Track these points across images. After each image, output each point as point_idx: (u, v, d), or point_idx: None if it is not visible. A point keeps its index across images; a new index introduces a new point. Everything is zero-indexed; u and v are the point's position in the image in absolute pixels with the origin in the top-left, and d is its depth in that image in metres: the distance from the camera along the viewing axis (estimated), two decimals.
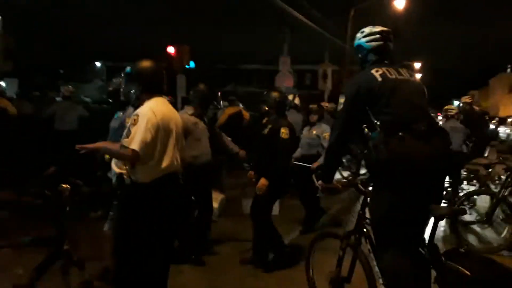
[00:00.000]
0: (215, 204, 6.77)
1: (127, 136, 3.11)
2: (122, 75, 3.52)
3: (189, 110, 5.21)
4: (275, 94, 5.17)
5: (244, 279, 4.72)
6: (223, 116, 10.85)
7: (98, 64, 28.72)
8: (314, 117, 6.96)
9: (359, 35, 3.35)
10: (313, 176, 3.69)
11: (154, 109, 3.23)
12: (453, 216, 5.30)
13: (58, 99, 10.86)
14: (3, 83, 12.89)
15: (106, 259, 3.87)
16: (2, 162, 7.94)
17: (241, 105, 11.06)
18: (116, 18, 18.92)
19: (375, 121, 2.93)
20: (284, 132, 4.82)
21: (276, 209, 5.50)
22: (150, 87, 3.33)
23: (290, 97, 8.53)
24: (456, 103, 19.87)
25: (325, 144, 6.28)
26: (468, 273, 2.67)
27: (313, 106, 7.21)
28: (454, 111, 8.38)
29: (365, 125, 3.02)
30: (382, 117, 2.93)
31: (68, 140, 7.90)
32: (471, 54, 25.54)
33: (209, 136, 5.32)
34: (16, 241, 3.27)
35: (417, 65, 33.23)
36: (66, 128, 8.94)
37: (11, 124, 8.62)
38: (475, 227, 6.08)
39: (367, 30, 3.31)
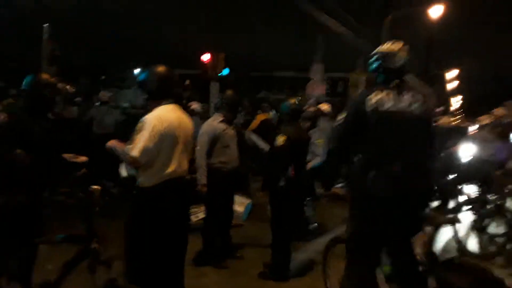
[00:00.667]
0: (241, 208, 6.90)
1: (131, 142, 3.21)
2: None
3: (218, 117, 5.31)
4: (290, 102, 5.18)
5: (266, 283, 4.81)
6: (254, 122, 11.03)
7: (136, 70, 29.60)
8: (307, 124, 6.51)
9: (374, 51, 3.28)
10: (315, 183, 3.76)
11: (161, 116, 3.30)
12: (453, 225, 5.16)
13: (96, 103, 11.30)
14: None
15: None
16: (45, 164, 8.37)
17: (273, 112, 11.20)
18: (154, 25, 19.44)
19: (356, 151, 3.04)
20: (280, 139, 4.77)
21: None
22: (157, 94, 3.39)
23: (323, 105, 8.55)
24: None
25: (317, 152, 6.16)
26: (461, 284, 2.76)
27: (309, 111, 6.80)
28: (486, 121, 8.19)
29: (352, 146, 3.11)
30: (364, 148, 3.01)
31: (105, 143, 8.24)
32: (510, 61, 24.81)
33: (237, 141, 5.43)
34: (49, 238, 3.46)
35: (454, 72, 32.39)
36: (103, 132, 9.29)
37: (55, 128, 9.10)
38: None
39: (381, 47, 3.24)
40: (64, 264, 3.13)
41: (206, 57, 13.22)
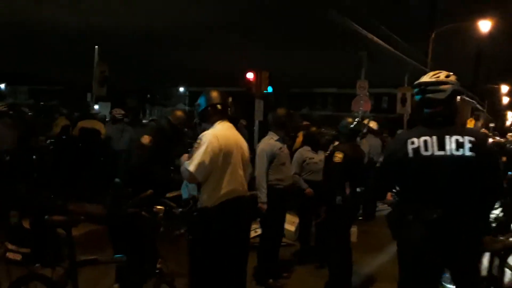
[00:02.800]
0: (292, 228, 6.85)
1: (189, 158, 3.32)
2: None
3: (273, 135, 5.36)
4: (347, 121, 5.22)
5: None
6: (298, 139, 11.03)
7: (181, 89, 30.20)
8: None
9: (415, 89, 2.97)
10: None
11: (217, 134, 3.37)
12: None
13: (144, 121, 11.51)
14: (97, 107, 14.05)
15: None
16: (94, 178, 8.69)
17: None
18: (198, 44, 19.89)
19: (395, 196, 2.99)
20: (337, 156, 4.80)
21: (354, 235, 5.46)
22: (212, 115, 3.51)
23: (371, 123, 8.46)
24: None
25: None
26: None
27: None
28: None
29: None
30: (403, 192, 2.93)
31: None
32: None
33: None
34: (115, 258, 3.55)
35: (505, 88, 31.24)
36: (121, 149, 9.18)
37: (102, 145, 9.43)
38: None
39: (423, 78, 2.95)
40: (129, 283, 3.19)
41: (250, 75, 13.37)
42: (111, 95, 14.58)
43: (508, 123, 33.18)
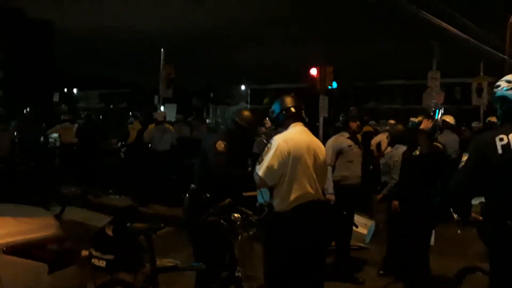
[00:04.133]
0: (365, 230, 6.64)
1: (259, 163, 3.30)
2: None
3: (345, 133, 5.40)
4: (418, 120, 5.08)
5: None
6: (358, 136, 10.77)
7: (243, 87, 30.47)
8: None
9: (504, 84, 2.85)
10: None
11: (287, 137, 3.33)
12: None
13: (208, 120, 11.70)
14: (162, 108, 14.50)
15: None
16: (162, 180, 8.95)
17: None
18: (259, 41, 20.01)
19: (484, 198, 2.76)
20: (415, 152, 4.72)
21: (432, 238, 5.21)
22: (285, 119, 3.48)
23: (446, 117, 7.99)
24: None
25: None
26: None
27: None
28: None
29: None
30: (492, 194, 2.72)
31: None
32: None
33: (362, 162, 5.43)
34: (194, 266, 3.57)
35: None
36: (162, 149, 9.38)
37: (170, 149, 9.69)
38: None
39: (504, 78, 2.87)
40: None
41: (314, 71, 13.17)
42: (176, 97, 14.98)
43: None
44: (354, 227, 5.68)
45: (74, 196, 8.65)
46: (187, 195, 4.03)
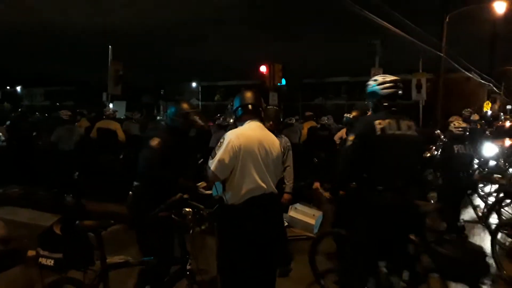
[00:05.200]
0: (312, 221, 6.84)
1: (212, 158, 3.40)
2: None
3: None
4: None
5: None
6: (303, 131, 11.11)
7: (194, 84, 30.34)
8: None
9: (372, 82, 3.64)
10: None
11: (239, 133, 3.44)
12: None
13: (158, 117, 11.55)
14: (111, 106, 14.18)
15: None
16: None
17: (326, 118, 11.28)
18: (209, 38, 19.97)
19: (364, 171, 3.48)
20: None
21: None
22: (244, 112, 3.57)
23: None
24: None
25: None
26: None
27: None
28: None
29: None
30: (371, 166, 3.44)
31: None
32: None
33: (305, 157, 5.59)
34: (145, 261, 3.59)
35: None
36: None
37: (119, 145, 9.49)
38: None
39: (380, 79, 3.62)
40: (160, 284, 3.23)
41: (263, 68, 13.37)
42: (126, 94, 14.68)
43: None
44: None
45: (18, 196, 8.34)
46: (130, 192, 4.03)
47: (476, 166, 8.33)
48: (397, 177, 3.42)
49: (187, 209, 3.18)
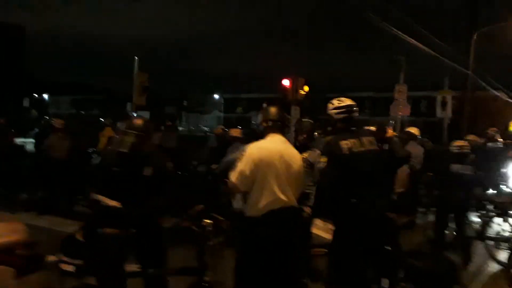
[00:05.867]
0: (329, 235, 6.75)
1: (233, 170, 3.43)
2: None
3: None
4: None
5: None
6: None
7: (216, 96, 30.64)
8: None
9: (329, 106, 3.91)
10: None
11: (260, 146, 3.49)
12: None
13: (180, 128, 11.67)
14: (135, 115, 14.40)
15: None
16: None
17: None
18: (233, 51, 20.16)
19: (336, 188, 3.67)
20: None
21: None
22: (267, 128, 3.61)
23: (411, 129, 8.22)
24: None
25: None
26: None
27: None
28: None
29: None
30: (343, 181, 3.65)
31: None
32: None
33: None
34: (163, 269, 3.60)
35: None
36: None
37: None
38: None
39: (335, 103, 3.89)
40: None
41: (286, 82, 13.40)
42: (150, 104, 14.91)
43: None
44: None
45: (40, 202, 8.48)
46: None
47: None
48: (367, 190, 3.66)
49: (207, 221, 3.19)
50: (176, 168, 6.60)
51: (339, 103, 3.84)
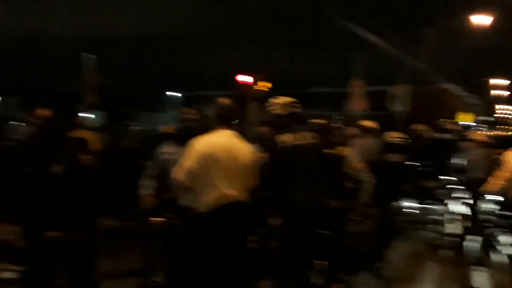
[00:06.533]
0: None
1: (178, 166, 3.36)
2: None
3: None
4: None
5: None
6: None
7: (173, 93, 30.30)
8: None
9: (267, 104, 4.15)
10: None
11: (204, 141, 3.42)
12: None
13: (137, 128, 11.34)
14: (92, 116, 13.93)
15: None
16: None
17: None
18: (191, 48, 19.83)
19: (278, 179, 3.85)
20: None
21: None
22: (216, 122, 3.56)
23: (366, 122, 8.30)
24: None
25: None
26: None
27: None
28: None
29: None
30: (282, 172, 3.84)
31: None
32: None
33: None
34: (110, 271, 3.44)
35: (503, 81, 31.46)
36: None
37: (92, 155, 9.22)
38: None
39: (271, 101, 4.10)
40: None
41: (243, 78, 13.34)
42: (104, 104, 14.45)
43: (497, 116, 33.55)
44: None
45: None
46: None
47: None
48: (303, 179, 3.87)
49: (155, 219, 3.06)
50: (131, 168, 6.43)
51: (273, 101, 4.07)
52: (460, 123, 17.05)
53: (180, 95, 30.67)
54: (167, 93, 28.11)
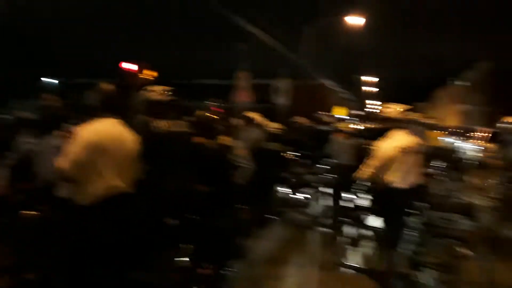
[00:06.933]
0: None
1: (61, 155, 3.18)
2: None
3: None
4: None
5: None
6: None
7: (49, 80, 28.10)
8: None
9: (143, 92, 4.20)
10: None
11: (90, 129, 3.26)
12: None
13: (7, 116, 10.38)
14: None
15: None
16: None
17: None
18: (70, 34, 18.55)
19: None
20: None
21: None
22: (98, 109, 3.40)
23: (251, 114, 8.56)
24: None
25: None
26: None
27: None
28: None
29: None
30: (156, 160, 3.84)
31: None
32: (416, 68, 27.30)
33: None
34: None
35: (373, 78, 34.44)
36: None
37: None
38: None
39: (147, 89, 4.21)
40: None
41: (127, 65, 12.86)
42: None
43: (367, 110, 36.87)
44: None
45: None
46: None
47: None
48: (172, 165, 3.97)
49: (26, 212, 2.84)
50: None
51: (148, 89, 4.14)
52: (335, 116, 18.33)
53: (57, 81, 28.58)
54: (43, 79, 25.95)
